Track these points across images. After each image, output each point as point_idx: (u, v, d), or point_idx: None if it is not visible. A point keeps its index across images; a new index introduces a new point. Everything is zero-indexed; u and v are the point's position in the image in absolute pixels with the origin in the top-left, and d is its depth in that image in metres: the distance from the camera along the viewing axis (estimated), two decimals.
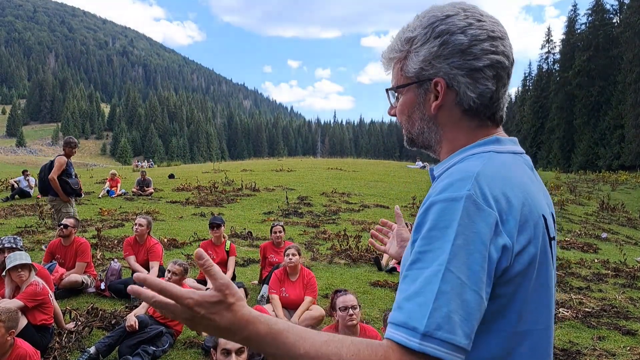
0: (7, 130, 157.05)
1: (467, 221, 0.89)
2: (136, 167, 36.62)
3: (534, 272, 0.98)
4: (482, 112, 1.08)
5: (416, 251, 0.91)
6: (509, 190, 0.96)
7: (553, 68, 71.97)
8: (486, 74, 1.05)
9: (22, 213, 12.51)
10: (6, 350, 3.64)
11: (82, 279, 6.29)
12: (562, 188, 22.87)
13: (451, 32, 1.04)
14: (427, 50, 1.06)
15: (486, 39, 1.04)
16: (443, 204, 0.92)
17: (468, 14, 1.06)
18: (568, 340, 5.01)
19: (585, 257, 9.40)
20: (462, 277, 0.86)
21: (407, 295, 0.88)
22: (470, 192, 0.92)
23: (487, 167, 0.98)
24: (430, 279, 0.87)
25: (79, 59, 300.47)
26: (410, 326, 0.84)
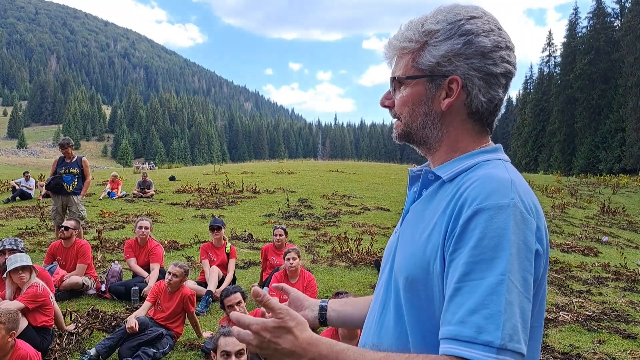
0: (9, 131, 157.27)
1: (517, 230, 0.90)
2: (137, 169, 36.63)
3: (545, 277, 1.02)
4: (485, 118, 1.09)
5: (468, 262, 0.90)
6: (534, 199, 0.99)
7: (554, 71, 72.02)
8: (500, 81, 1.06)
9: (22, 215, 12.53)
10: (7, 352, 3.64)
11: (83, 281, 6.30)
12: (563, 191, 22.86)
13: (476, 33, 1.04)
14: (449, 46, 1.05)
15: (505, 47, 1.05)
16: (490, 212, 0.91)
17: (490, 19, 1.07)
18: (568, 343, 5.00)
19: (586, 260, 9.39)
20: (519, 286, 0.88)
21: (470, 308, 0.87)
22: (514, 201, 0.92)
23: (513, 175, 1.00)
24: (494, 290, 0.86)
25: (80, 60, 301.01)
26: (483, 341, 0.84)
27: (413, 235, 1.06)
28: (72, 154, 8.32)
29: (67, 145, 8.33)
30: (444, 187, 1.06)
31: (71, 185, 8.10)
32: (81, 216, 8.11)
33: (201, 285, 6.41)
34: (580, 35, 64.53)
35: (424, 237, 1.02)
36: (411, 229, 1.09)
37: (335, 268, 8.06)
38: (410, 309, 1.02)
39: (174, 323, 4.91)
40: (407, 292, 1.03)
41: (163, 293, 5.02)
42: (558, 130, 64.85)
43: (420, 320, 1.00)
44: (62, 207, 8.16)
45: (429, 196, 1.09)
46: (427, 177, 1.11)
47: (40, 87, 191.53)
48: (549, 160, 65.63)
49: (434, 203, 1.06)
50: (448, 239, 0.96)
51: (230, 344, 3.12)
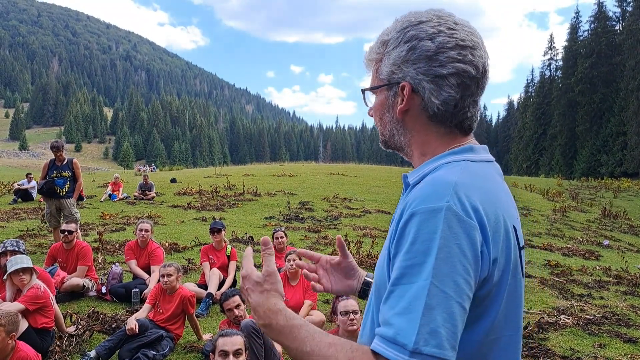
0: (10, 133, 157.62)
1: (448, 233, 0.90)
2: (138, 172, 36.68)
3: (507, 282, 0.99)
4: (448, 119, 1.08)
5: (401, 266, 0.92)
6: (484, 201, 0.96)
7: (555, 75, 72.09)
8: (450, 81, 1.04)
9: (24, 216, 12.55)
10: (7, 354, 3.64)
11: (84, 283, 6.30)
12: (564, 195, 22.85)
13: (420, 38, 1.05)
14: (397, 53, 1.08)
15: (454, 47, 1.04)
16: (423, 215, 0.92)
17: (441, 22, 1.06)
18: (569, 347, 4.99)
19: (587, 264, 9.37)
20: (447, 290, 0.87)
21: (397, 311, 0.89)
22: (449, 203, 0.92)
23: (463, 176, 0.98)
24: (418, 295, 0.87)
25: (82, 63, 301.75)
26: (400, 342, 0.85)
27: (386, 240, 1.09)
28: (63, 157, 8.29)
29: (60, 148, 8.26)
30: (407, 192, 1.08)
31: (64, 188, 8.09)
32: (75, 219, 8.08)
33: (201, 288, 6.41)
34: (582, 38, 64.59)
35: (387, 242, 1.05)
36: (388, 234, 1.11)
37: None
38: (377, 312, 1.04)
39: (174, 325, 4.91)
40: (376, 297, 1.07)
41: (162, 295, 5.02)
42: (559, 134, 64.85)
43: None
44: (55, 209, 8.16)
45: (402, 200, 1.10)
46: (405, 181, 1.13)
47: (42, 89, 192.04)
48: (550, 164, 65.60)
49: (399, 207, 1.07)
50: (391, 243, 0.98)
51: (228, 343, 3.13)
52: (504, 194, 1.06)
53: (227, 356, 3.04)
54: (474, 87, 1.06)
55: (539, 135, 71.02)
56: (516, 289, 1.02)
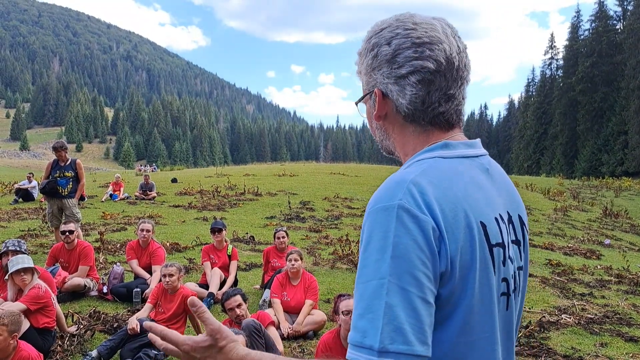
0: (11, 134, 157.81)
1: (402, 230, 0.90)
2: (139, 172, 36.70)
3: (474, 281, 0.96)
4: (420, 117, 1.08)
5: (359, 266, 0.92)
6: (441, 197, 0.95)
7: (556, 74, 72.11)
8: (410, 80, 1.04)
9: (25, 216, 12.56)
10: (9, 354, 3.65)
11: (85, 283, 6.31)
12: (565, 194, 22.82)
13: (379, 45, 1.07)
14: (366, 63, 1.11)
15: (409, 46, 1.04)
16: (376, 214, 0.93)
17: (399, 25, 1.07)
18: (570, 346, 4.99)
19: (588, 263, 9.36)
20: (406, 286, 0.87)
21: (359, 313, 0.89)
22: (401, 201, 0.92)
23: (423, 173, 0.98)
24: (375, 293, 0.87)
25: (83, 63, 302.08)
26: (367, 345, 0.85)
27: None
28: (66, 157, 8.29)
29: (61, 149, 8.26)
30: None
31: (66, 188, 8.09)
32: (76, 219, 8.09)
33: (203, 287, 6.41)
34: (583, 38, 64.60)
35: None
36: None
37: (336, 270, 8.06)
38: None
39: (176, 324, 4.91)
40: None
41: (164, 294, 5.02)
42: (560, 133, 64.86)
43: None
44: (57, 209, 8.16)
45: None
46: None
47: (42, 89, 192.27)
48: (551, 163, 65.60)
49: None
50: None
51: None
52: (477, 190, 1.03)
53: None
54: (441, 81, 1.05)
55: (540, 135, 71.02)
56: (489, 288, 0.99)
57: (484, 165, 1.09)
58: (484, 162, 1.10)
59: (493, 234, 1.02)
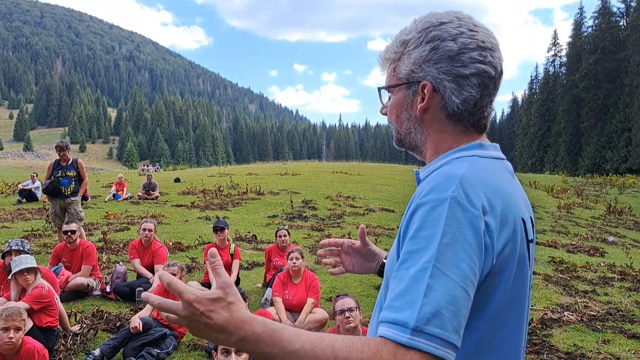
0: (15, 134, 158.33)
1: (452, 220, 0.92)
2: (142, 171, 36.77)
3: (512, 273, 1.00)
4: (466, 118, 1.11)
5: (404, 251, 0.94)
6: (490, 193, 0.99)
7: (560, 71, 71.88)
8: (471, 81, 1.07)
9: (28, 217, 12.60)
10: (16, 350, 3.72)
11: (88, 282, 6.33)
12: (569, 191, 22.77)
13: (442, 39, 1.07)
14: (418, 53, 1.09)
15: (475, 48, 1.07)
16: (429, 204, 0.95)
17: (462, 23, 1.09)
18: (572, 343, 4.98)
19: (592, 260, 9.35)
20: (450, 274, 0.88)
21: (396, 294, 0.90)
22: (455, 194, 0.94)
23: (470, 170, 1.01)
24: (418, 276, 0.88)
25: (85, 63, 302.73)
26: (401, 322, 0.85)
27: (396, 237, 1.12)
28: (68, 157, 8.32)
29: (65, 148, 8.30)
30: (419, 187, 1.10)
31: (69, 188, 8.12)
32: (80, 217, 8.12)
33: (205, 287, 6.40)
34: (586, 34, 64.38)
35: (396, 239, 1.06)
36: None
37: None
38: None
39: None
40: (384, 288, 1.08)
41: (166, 294, 5.03)
42: (564, 131, 64.67)
43: None
44: (60, 209, 8.19)
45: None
46: (417, 177, 1.17)
47: (46, 90, 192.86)
48: (554, 161, 65.45)
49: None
50: (402, 236, 1.00)
51: None
52: (513, 189, 1.08)
53: (230, 354, 3.05)
54: (492, 87, 1.10)
55: (543, 132, 70.86)
56: (522, 281, 1.04)
57: (509, 168, 1.15)
58: (508, 165, 1.15)
59: (529, 230, 1.08)
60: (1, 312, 3.71)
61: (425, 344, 0.83)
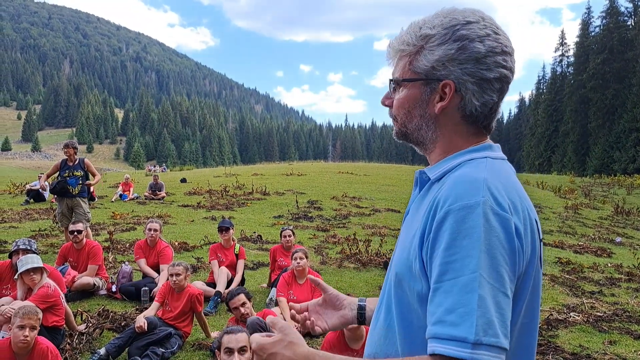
0: (23, 135, 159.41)
1: (488, 227, 0.92)
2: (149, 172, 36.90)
3: (533, 273, 1.01)
4: (481, 120, 1.11)
5: (442, 262, 0.93)
6: (511, 195, 0.99)
7: (567, 71, 71.40)
8: (494, 85, 1.07)
9: (36, 217, 12.69)
10: (30, 350, 3.75)
11: (94, 282, 6.37)
12: (577, 192, 22.63)
13: (470, 39, 1.06)
14: (443, 51, 1.07)
15: (500, 52, 1.07)
16: (460, 212, 0.94)
17: (487, 24, 1.08)
18: (578, 344, 4.96)
19: (599, 261, 9.28)
20: (492, 282, 0.90)
21: (447, 307, 0.90)
22: (484, 199, 0.94)
23: (490, 173, 1.01)
24: (467, 288, 0.89)
25: (93, 64, 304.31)
26: (459, 337, 0.87)
27: (406, 234, 1.11)
28: (75, 157, 8.37)
29: (72, 147, 8.35)
30: (432, 187, 1.10)
31: (76, 187, 8.16)
32: (87, 218, 8.17)
33: (210, 286, 6.44)
34: (594, 34, 63.90)
35: (410, 237, 1.06)
36: (406, 229, 1.13)
37: (344, 269, 8.06)
38: (398, 302, 1.06)
39: (182, 322, 4.95)
40: (396, 287, 1.07)
41: (171, 293, 5.06)
42: (571, 131, 64.25)
43: (406, 312, 1.05)
44: (67, 209, 8.24)
45: (422, 196, 1.13)
46: (422, 177, 1.15)
47: (53, 91, 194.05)
48: (562, 161, 65.00)
49: (423, 203, 1.09)
50: (425, 241, 0.99)
51: (233, 340, 3.15)
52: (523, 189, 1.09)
53: (232, 353, 3.06)
54: (506, 91, 1.11)
55: (550, 132, 70.41)
56: (538, 279, 1.06)
57: (512, 168, 1.15)
58: (510, 166, 1.15)
59: (540, 230, 1.09)
60: (18, 310, 3.74)
61: (486, 355, 0.86)
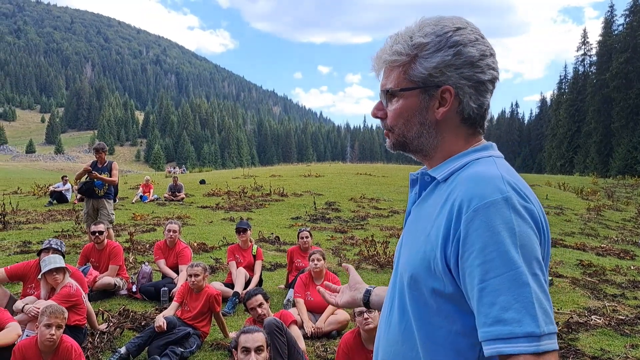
0: (46, 137, 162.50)
1: (520, 220, 0.95)
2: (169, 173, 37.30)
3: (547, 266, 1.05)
4: (478, 122, 1.14)
5: (483, 262, 0.93)
6: (525, 190, 1.02)
7: (589, 71, 70.21)
8: (488, 87, 1.11)
9: (59, 218, 12.92)
10: (56, 347, 3.84)
11: (115, 282, 6.47)
12: (600, 193, 22.23)
13: (464, 44, 1.08)
14: (440, 57, 1.08)
15: (489, 55, 1.11)
16: (490, 209, 0.95)
17: (473, 29, 1.11)
18: (599, 348, 4.88)
19: (621, 264, 9.11)
20: (535, 271, 0.93)
21: (503, 305, 0.91)
22: (509, 194, 0.97)
23: (502, 169, 1.04)
24: (517, 283, 0.91)
25: (114, 68, 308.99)
26: (524, 334, 0.88)
27: (415, 235, 1.11)
28: (105, 159, 8.56)
29: (102, 150, 8.56)
30: (438, 187, 1.12)
31: (102, 189, 8.33)
32: (110, 219, 8.32)
33: (228, 287, 6.50)
34: (617, 33, 62.74)
35: (423, 237, 1.06)
36: (413, 230, 1.14)
37: (362, 271, 8.05)
38: (415, 304, 1.07)
39: (201, 322, 5.00)
40: (411, 289, 1.08)
41: (189, 293, 5.12)
42: (594, 131, 63.15)
43: (425, 314, 1.05)
44: (92, 209, 8.39)
45: (426, 197, 1.15)
46: (424, 179, 1.17)
47: (76, 94, 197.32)
48: (585, 162, 63.91)
49: (430, 203, 1.11)
50: (452, 242, 0.99)
51: (250, 340, 3.18)
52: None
53: (249, 353, 3.09)
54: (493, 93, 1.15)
55: (573, 133, 69.30)
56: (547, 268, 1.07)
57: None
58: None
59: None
60: (44, 309, 3.83)
61: (551, 344, 0.89)
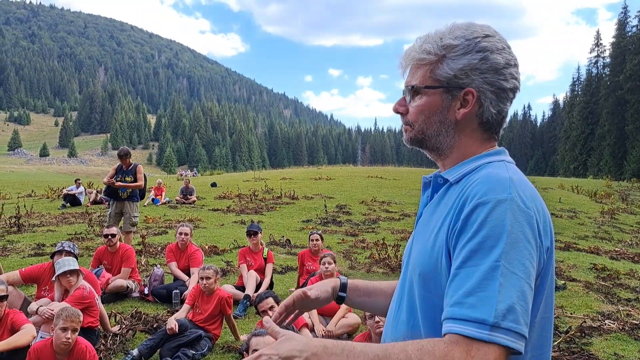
0: (60, 141, 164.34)
1: (514, 221, 0.96)
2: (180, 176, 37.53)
3: (551, 273, 1.06)
4: (494, 127, 1.18)
5: (468, 249, 0.97)
6: (532, 195, 1.04)
7: (603, 72, 69.49)
8: (509, 95, 1.15)
9: (72, 220, 13.06)
10: (71, 349, 3.89)
11: (127, 284, 6.52)
12: (614, 197, 22.01)
13: (491, 51, 1.13)
14: (467, 60, 1.13)
15: (514, 65, 1.15)
16: (490, 204, 0.99)
17: (501, 39, 1.16)
18: (613, 352, 4.82)
19: (636, 267, 9.01)
20: (516, 272, 0.93)
21: (467, 290, 0.94)
22: (512, 195, 0.99)
23: (513, 174, 1.06)
24: (488, 274, 0.93)
25: (126, 72, 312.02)
26: (478, 319, 0.90)
27: (425, 235, 1.14)
28: (130, 163, 8.66)
29: (125, 156, 8.66)
30: (451, 189, 1.15)
31: (125, 192, 8.44)
32: (132, 222, 8.41)
33: (239, 290, 6.52)
34: (630, 34, 62.09)
35: (432, 236, 1.10)
36: (423, 230, 1.17)
37: (373, 274, 8.04)
38: (424, 303, 1.09)
39: (212, 325, 5.02)
40: (420, 287, 1.10)
41: (201, 296, 5.14)
42: (608, 134, 62.46)
43: (432, 312, 1.07)
44: (116, 211, 8.49)
45: (439, 198, 1.19)
46: (437, 181, 1.21)
47: (89, 97, 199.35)
48: (598, 165, 63.21)
49: (442, 204, 1.15)
50: (451, 234, 1.03)
51: (261, 343, 3.19)
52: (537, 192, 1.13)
53: None
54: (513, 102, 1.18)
55: (586, 135, 68.61)
56: (552, 276, 1.09)
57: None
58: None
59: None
60: (60, 312, 3.87)
61: (504, 339, 0.89)
